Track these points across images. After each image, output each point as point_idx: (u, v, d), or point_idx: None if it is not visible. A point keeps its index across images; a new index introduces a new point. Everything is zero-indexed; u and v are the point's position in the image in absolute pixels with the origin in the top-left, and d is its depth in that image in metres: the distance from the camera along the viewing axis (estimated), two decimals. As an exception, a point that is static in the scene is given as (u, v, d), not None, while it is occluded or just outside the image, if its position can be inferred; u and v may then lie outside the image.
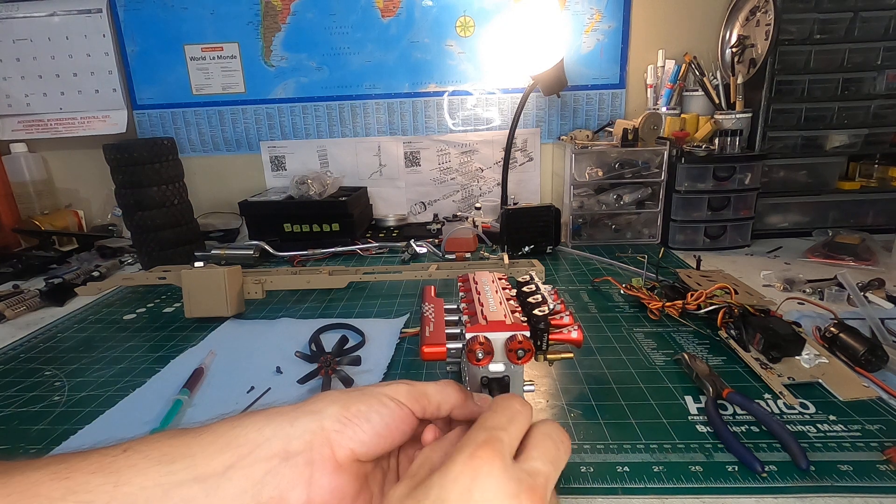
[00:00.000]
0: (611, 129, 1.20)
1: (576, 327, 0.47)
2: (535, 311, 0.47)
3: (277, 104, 1.27)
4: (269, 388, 0.56)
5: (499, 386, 0.44)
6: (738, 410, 0.49)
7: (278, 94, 1.27)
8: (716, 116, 1.06)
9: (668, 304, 0.70)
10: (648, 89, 1.20)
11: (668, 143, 1.01)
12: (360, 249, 1.05)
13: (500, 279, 0.54)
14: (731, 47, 1.10)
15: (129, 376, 0.61)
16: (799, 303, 0.73)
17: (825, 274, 0.82)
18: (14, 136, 1.27)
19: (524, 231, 0.99)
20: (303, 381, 0.56)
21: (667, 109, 1.14)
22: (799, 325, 0.61)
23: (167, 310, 0.82)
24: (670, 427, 0.47)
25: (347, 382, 0.55)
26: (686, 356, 0.56)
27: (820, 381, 0.53)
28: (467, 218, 1.19)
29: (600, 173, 1.05)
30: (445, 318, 0.49)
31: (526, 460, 0.25)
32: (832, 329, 0.59)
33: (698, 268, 0.84)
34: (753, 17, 1.05)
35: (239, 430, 0.27)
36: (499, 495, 0.22)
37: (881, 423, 0.47)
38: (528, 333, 0.43)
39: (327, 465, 0.27)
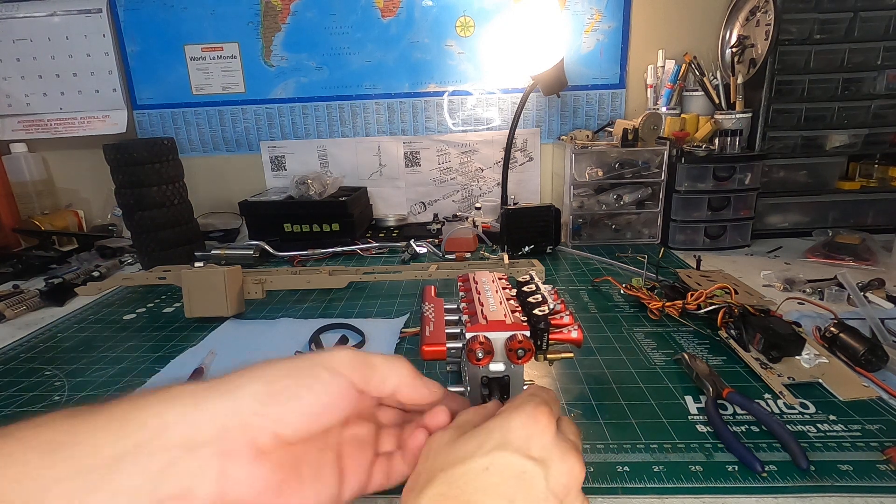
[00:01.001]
0: (611, 129, 1.20)
1: (576, 327, 0.47)
2: (535, 311, 0.47)
3: (277, 104, 1.27)
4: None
5: (499, 386, 0.44)
6: (738, 410, 0.49)
7: (278, 94, 1.27)
8: (716, 116, 1.06)
9: (668, 304, 0.70)
10: (648, 89, 1.20)
11: (668, 143, 1.01)
12: (360, 249, 1.05)
13: (500, 279, 0.54)
14: (731, 47, 1.10)
15: (129, 376, 0.61)
16: (799, 303, 0.73)
17: (825, 274, 0.82)
18: (14, 136, 1.27)
19: (524, 231, 0.99)
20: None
21: (667, 109, 1.14)
22: (799, 325, 0.61)
23: (167, 310, 0.82)
24: (670, 427, 0.47)
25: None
26: (686, 356, 0.56)
27: (820, 381, 0.53)
28: (467, 218, 1.19)
29: (600, 173, 1.05)
30: (445, 318, 0.49)
31: (564, 434, 0.28)
32: (832, 329, 0.59)
33: (698, 268, 0.84)
34: (753, 17, 1.05)
35: (136, 413, 0.23)
36: (553, 451, 0.26)
37: (881, 423, 0.47)
38: (528, 333, 0.43)
39: (244, 454, 0.23)
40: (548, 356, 0.48)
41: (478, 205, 1.23)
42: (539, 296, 0.50)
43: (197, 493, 0.22)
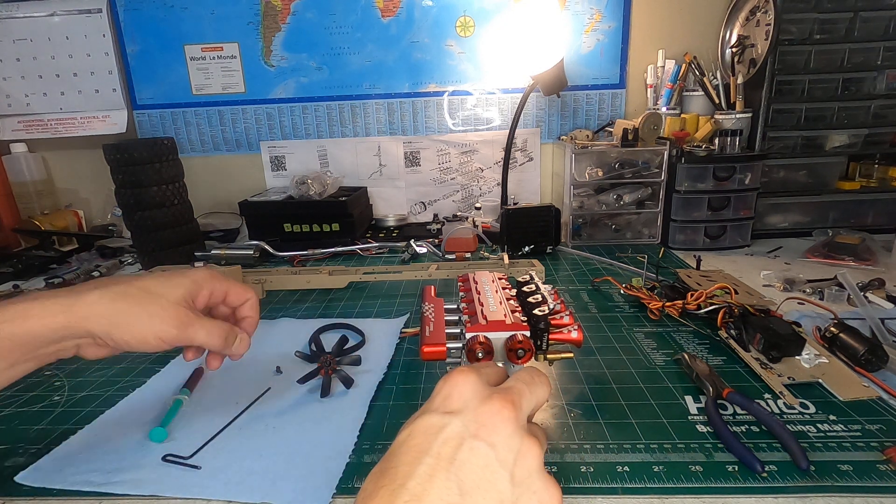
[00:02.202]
0: (611, 129, 1.20)
1: (576, 327, 0.47)
2: (535, 311, 0.47)
3: (277, 104, 1.27)
4: (269, 388, 0.56)
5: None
6: (738, 410, 0.49)
7: (278, 94, 1.27)
8: (716, 116, 1.06)
9: (668, 304, 0.70)
10: (648, 89, 1.20)
11: (668, 143, 1.01)
12: (360, 249, 1.05)
13: (500, 279, 0.55)
14: (731, 47, 1.10)
15: (129, 376, 0.61)
16: (799, 303, 0.73)
17: (825, 274, 0.82)
18: (14, 136, 1.27)
19: (524, 231, 0.99)
20: (303, 380, 0.56)
21: (667, 109, 1.14)
22: (799, 325, 0.61)
23: (167, 310, 0.82)
24: (670, 427, 0.47)
25: (348, 382, 0.55)
26: (686, 356, 0.56)
27: (820, 381, 0.53)
28: (467, 218, 1.19)
29: (600, 173, 1.05)
30: (445, 318, 0.50)
31: (501, 386, 0.30)
32: (832, 329, 0.59)
33: (698, 268, 0.84)
34: (753, 17, 1.05)
35: (10, 305, 0.38)
36: (473, 397, 0.28)
37: (881, 423, 0.47)
38: (528, 333, 0.43)
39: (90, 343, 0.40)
40: (548, 356, 0.48)
41: (478, 205, 1.23)
42: (539, 296, 0.50)
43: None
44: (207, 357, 0.47)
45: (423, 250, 1.03)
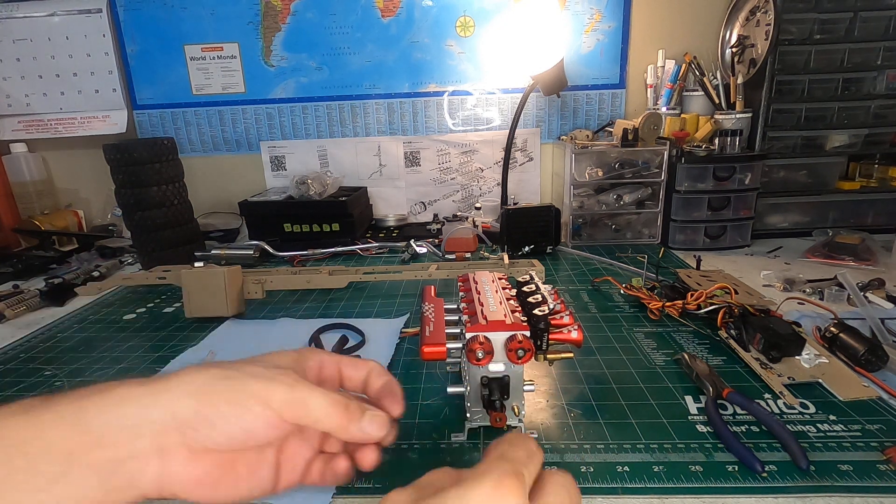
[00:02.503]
0: (611, 129, 1.20)
1: (576, 327, 0.47)
2: (535, 311, 0.47)
3: (277, 104, 1.27)
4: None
5: (499, 386, 0.44)
6: (738, 410, 0.49)
7: (278, 94, 1.27)
8: (716, 116, 1.06)
9: (668, 304, 0.70)
10: (648, 89, 1.20)
11: (668, 143, 1.01)
12: (360, 249, 1.05)
13: (500, 279, 0.54)
14: (731, 47, 1.10)
15: (129, 376, 0.61)
16: (799, 303, 0.73)
17: (825, 274, 0.82)
18: (14, 136, 1.27)
19: (524, 231, 0.99)
20: (303, 380, 0.56)
21: (667, 109, 1.14)
22: (799, 325, 0.61)
23: (167, 310, 0.82)
24: (670, 427, 0.47)
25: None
26: (686, 356, 0.56)
27: (820, 381, 0.53)
28: (467, 218, 1.19)
29: (600, 173, 1.05)
30: (445, 318, 0.50)
31: (542, 501, 0.24)
32: (832, 329, 0.59)
33: (698, 268, 0.84)
34: (753, 17, 1.05)
35: (83, 415, 0.26)
36: None
37: (881, 423, 0.47)
38: (528, 333, 0.43)
39: (180, 454, 0.26)
40: (548, 356, 0.48)
41: (478, 205, 1.23)
42: (539, 296, 0.50)
43: (139, 484, 0.25)
44: (357, 454, 0.34)
45: (423, 250, 1.03)
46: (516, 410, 0.44)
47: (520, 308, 0.48)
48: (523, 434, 0.28)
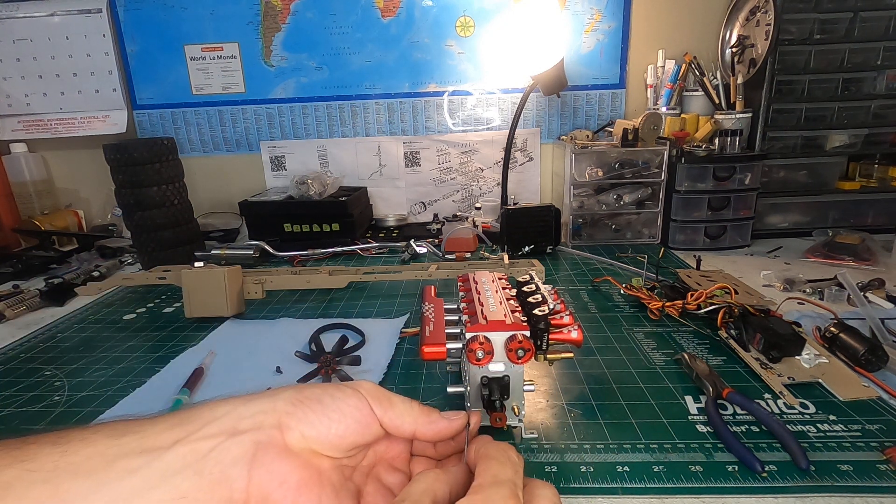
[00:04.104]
0: (611, 129, 1.20)
1: (576, 327, 0.47)
2: (535, 311, 0.47)
3: (277, 104, 1.27)
4: (270, 388, 0.56)
5: (499, 386, 0.44)
6: (738, 410, 0.49)
7: (278, 94, 1.27)
8: (716, 116, 1.06)
9: (668, 304, 0.70)
10: (648, 89, 1.20)
11: (668, 143, 1.01)
12: (360, 249, 1.05)
13: (500, 279, 0.54)
14: (731, 47, 1.10)
15: (129, 376, 0.61)
16: (799, 303, 0.73)
17: (825, 274, 0.82)
18: (14, 136, 1.27)
19: (524, 231, 0.99)
20: (303, 381, 0.56)
21: (667, 109, 1.14)
22: (799, 325, 0.61)
23: (167, 310, 0.82)
24: (670, 427, 0.47)
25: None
26: (686, 356, 0.56)
27: (820, 381, 0.53)
28: (467, 218, 1.19)
29: (600, 173, 1.05)
30: (445, 318, 0.50)
31: None
32: (832, 329, 0.59)
33: (698, 268, 0.84)
34: (753, 17, 1.05)
35: (192, 411, 0.27)
36: None
37: (881, 423, 0.47)
38: (528, 333, 0.43)
39: (275, 446, 0.27)
40: (548, 356, 0.48)
41: (478, 205, 1.23)
42: (539, 296, 0.50)
43: (231, 474, 0.25)
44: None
45: (423, 250, 1.03)
46: (516, 410, 0.44)
47: (520, 308, 0.48)
48: (503, 445, 0.28)
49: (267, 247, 1.02)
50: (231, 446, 0.25)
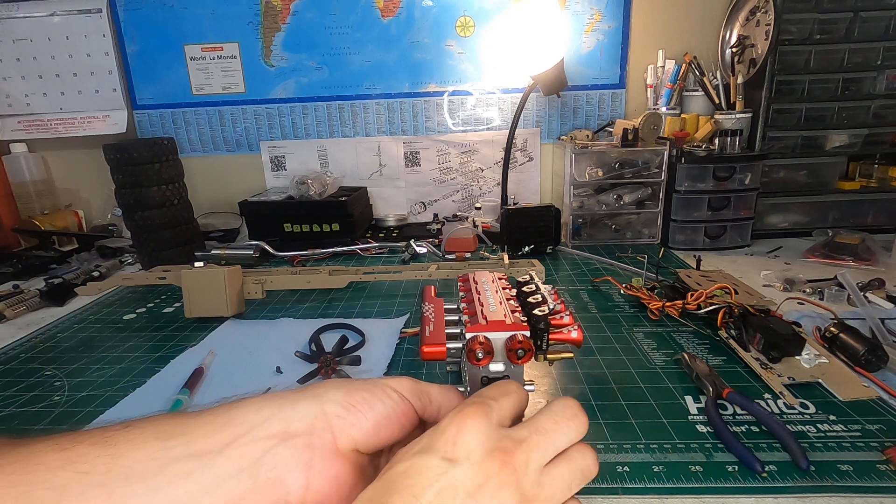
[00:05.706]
0: (611, 129, 1.20)
1: (576, 327, 0.47)
2: (535, 311, 0.47)
3: (277, 104, 1.27)
4: (270, 388, 0.56)
5: (499, 386, 0.44)
6: (738, 410, 0.49)
7: (278, 94, 1.27)
8: (716, 116, 1.06)
9: (668, 304, 0.70)
10: (648, 89, 1.20)
11: (668, 143, 1.01)
12: (360, 249, 1.05)
13: (500, 279, 0.54)
14: (731, 47, 1.10)
15: (129, 376, 0.61)
16: (799, 303, 0.73)
17: (825, 274, 0.82)
18: (14, 136, 1.27)
19: (524, 231, 0.99)
20: (303, 380, 0.56)
21: (667, 109, 1.14)
22: (799, 325, 0.61)
23: (167, 310, 0.82)
24: (670, 427, 0.47)
25: (347, 382, 0.55)
26: (686, 356, 0.56)
27: (820, 381, 0.53)
28: (467, 218, 1.19)
29: (600, 173, 1.05)
30: (445, 318, 0.49)
31: (515, 429, 0.26)
32: (832, 329, 0.59)
33: (698, 268, 0.84)
34: (753, 17, 1.05)
35: (236, 412, 0.26)
36: (477, 448, 0.24)
37: (881, 423, 0.47)
38: (528, 333, 0.43)
39: (328, 449, 0.27)
40: (548, 356, 0.47)
41: (478, 205, 1.23)
42: (539, 296, 0.50)
43: (288, 479, 0.25)
44: None
45: (423, 250, 1.03)
46: (516, 410, 0.44)
47: (520, 308, 0.47)
48: (507, 380, 0.30)
49: (267, 247, 1.02)
50: (284, 450, 0.25)
